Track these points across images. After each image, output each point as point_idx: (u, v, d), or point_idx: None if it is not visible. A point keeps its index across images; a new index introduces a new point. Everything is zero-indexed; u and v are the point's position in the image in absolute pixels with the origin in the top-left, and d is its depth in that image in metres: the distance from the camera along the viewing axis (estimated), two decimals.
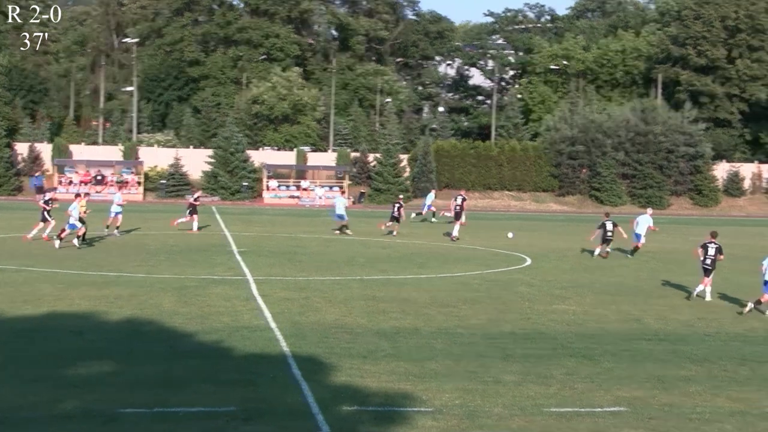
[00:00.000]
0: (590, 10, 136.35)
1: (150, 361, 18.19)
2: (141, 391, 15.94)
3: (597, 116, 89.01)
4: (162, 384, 16.51)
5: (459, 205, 48.58)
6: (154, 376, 17.00)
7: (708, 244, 28.94)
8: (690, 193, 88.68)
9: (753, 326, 24.17)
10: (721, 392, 17.08)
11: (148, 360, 18.24)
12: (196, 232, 47.20)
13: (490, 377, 17.67)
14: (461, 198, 49.52)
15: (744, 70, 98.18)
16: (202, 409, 14.99)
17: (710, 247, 28.81)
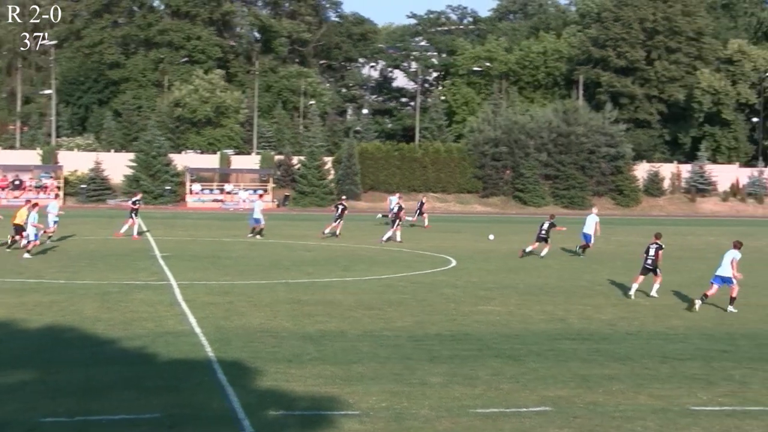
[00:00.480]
0: (512, 12, 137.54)
1: (71, 368, 17.88)
2: (62, 399, 15.66)
3: (520, 118, 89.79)
4: (84, 392, 16.24)
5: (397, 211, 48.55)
6: (75, 384, 16.72)
7: (650, 245, 29.64)
8: (611, 193, 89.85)
9: (673, 324, 24.52)
10: (643, 390, 17.29)
11: (70, 367, 17.94)
12: (136, 237, 46.59)
13: (416, 379, 17.68)
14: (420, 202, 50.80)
15: (662, 71, 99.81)
16: (125, 417, 14.78)
17: (652, 247, 29.53)
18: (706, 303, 27.17)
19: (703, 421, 15.41)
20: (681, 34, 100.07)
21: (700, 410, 16.04)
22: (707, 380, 18.17)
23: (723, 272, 27.46)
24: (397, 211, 48.71)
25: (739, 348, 21.51)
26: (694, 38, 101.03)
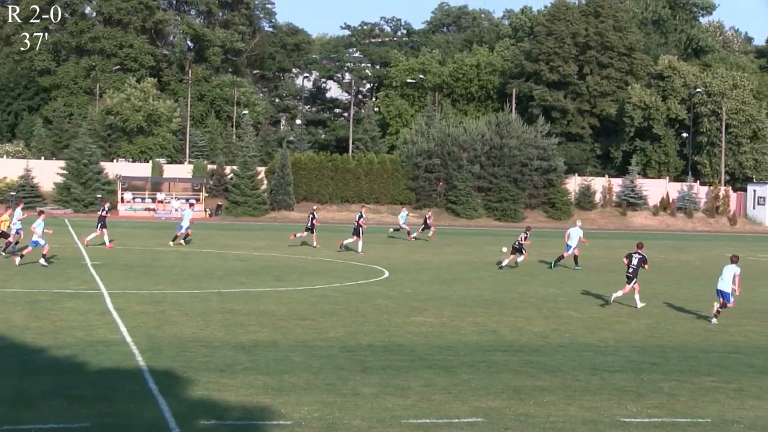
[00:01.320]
0: (446, 25, 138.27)
1: (0, 377, 17.58)
2: None
3: (453, 130, 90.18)
4: (13, 401, 15.97)
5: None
6: (4, 393, 16.44)
7: (633, 254, 30.23)
8: (544, 206, 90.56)
9: (604, 337, 24.75)
10: (573, 401, 17.41)
11: None
12: (109, 246, 45.95)
13: (348, 390, 17.65)
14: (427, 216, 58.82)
15: (594, 86, 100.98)
16: (54, 426, 14.57)
17: (634, 257, 30.09)
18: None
19: None
20: (613, 49, 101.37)
21: (629, 422, 16.18)
22: (637, 392, 18.36)
23: (724, 287, 27.83)
24: (358, 219, 48.79)
25: (669, 360, 21.77)
26: (625, 54, 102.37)
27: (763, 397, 18.30)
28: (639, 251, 30.31)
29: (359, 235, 48.11)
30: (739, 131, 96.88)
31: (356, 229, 48.38)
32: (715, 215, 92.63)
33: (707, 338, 25.08)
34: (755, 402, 17.91)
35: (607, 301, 30.60)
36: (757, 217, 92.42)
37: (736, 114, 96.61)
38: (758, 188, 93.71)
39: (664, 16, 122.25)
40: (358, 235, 48.12)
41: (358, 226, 48.28)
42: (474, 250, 52.45)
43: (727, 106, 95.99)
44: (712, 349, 23.47)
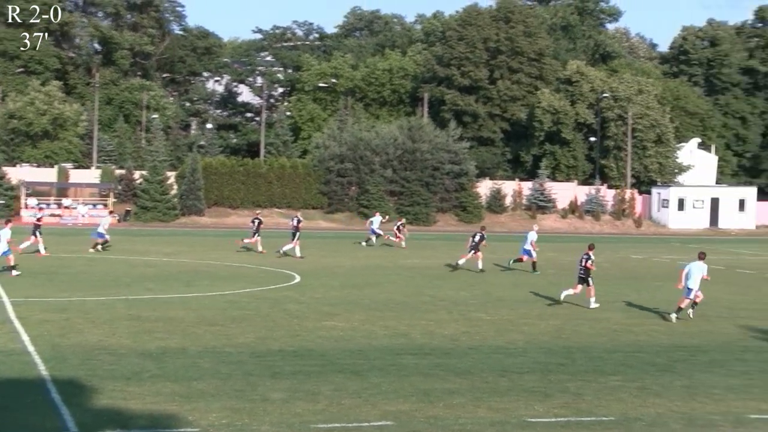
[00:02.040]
0: (358, 29, 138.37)
1: None
2: None
3: (365, 134, 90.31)
4: None
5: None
6: None
7: (583, 256, 31.40)
8: (455, 209, 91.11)
9: (513, 339, 24.98)
10: (482, 403, 17.54)
11: None
12: (44, 254, 44.95)
13: (257, 395, 17.54)
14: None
15: (505, 90, 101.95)
16: None
17: (584, 258, 31.26)
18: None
19: None
20: (523, 54, 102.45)
21: (536, 422, 16.36)
22: (544, 393, 18.56)
23: (692, 284, 28.72)
24: (297, 224, 49.15)
25: (575, 361, 22.05)
26: (535, 59, 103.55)
27: (665, 395, 18.65)
28: (589, 252, 31.44)
29: (294, 239, 48.42)
30: (644, 135, 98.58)
31: (293, 233, 48.66)
32: (622, 218, 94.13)
33: (612, 338, 25.47)
34: (657, 399, 18.24)
35: (557, 301, 31.59)
36: (661, 219, 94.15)
37: (641, 118, 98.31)
38: (662, 191, 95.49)
39: (572, 22, 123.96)
40: (293, 239, 48.45)
41: (296, 230, 48.61)
42: (385, 254, 52.56)
43: (633, 110, 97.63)
44: (617, 349, 23.84)
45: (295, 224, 49.42)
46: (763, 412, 17.61)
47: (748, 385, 19.88)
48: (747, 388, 19.59)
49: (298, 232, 48.74)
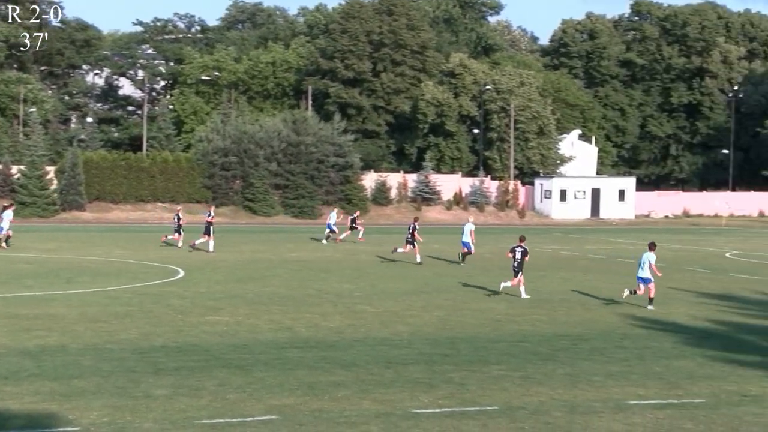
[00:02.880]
0: (240, 22, 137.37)
1: None
2: None
3: (249, 127, 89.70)
4: None
5: None
6: None
7: (516, 248, 32.06)
8: (340, 202, 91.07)
9: (398, 330, 25.10)
10: (367, 395, 17.59)
11: None
12: None
13: (140, 392, 17.29)
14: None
15: (388, 83, 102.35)
16: None
17: (517, 250, 31.95)
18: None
19: (424, 423, 15.83)
20: (406, 47, 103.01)
21: (421, 413, 16.47)
22: (429, 383, 18.70)
23: (643, 274, 29.95)
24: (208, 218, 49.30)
25: (460, 351, 22.26)
26: (418, 51, 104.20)
27: (547, 383, 18.95)
28: (521, 244, 32.12)
29: (209, 234, 48.50)
30: (527, 127, 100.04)
31: (207, 227, 48.68)
32: (505, 209, 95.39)
33: (496, 328, 25.78)
34: (539, 388, 18.52)
35: (496, 292, 32.20)
36: (544, 209, 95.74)
37: (523, 110, 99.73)
38: (545, 182, 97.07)
39: (454, 14, 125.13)
40: (209, 234, 48.51)
41: (208, 224, 48.71)
42: (271, 247, 52.33)
43: (515, 102, 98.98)
44: (501, 338, 24.15)
45: (208, 218, 49.39)
46: (641, 397, 18.02)
47: (627, 372, 20.32)
48: (626, 375, 20.02)
49: (211, 226, 48.92)
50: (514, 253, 32.06)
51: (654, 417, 16.59)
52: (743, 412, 17.04)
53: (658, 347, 23.37)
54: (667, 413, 16.88)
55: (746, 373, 20.44)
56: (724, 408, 17.32)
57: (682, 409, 17.18)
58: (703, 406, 17.41)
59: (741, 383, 19.40)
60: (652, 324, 26.90)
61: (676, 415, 16.74)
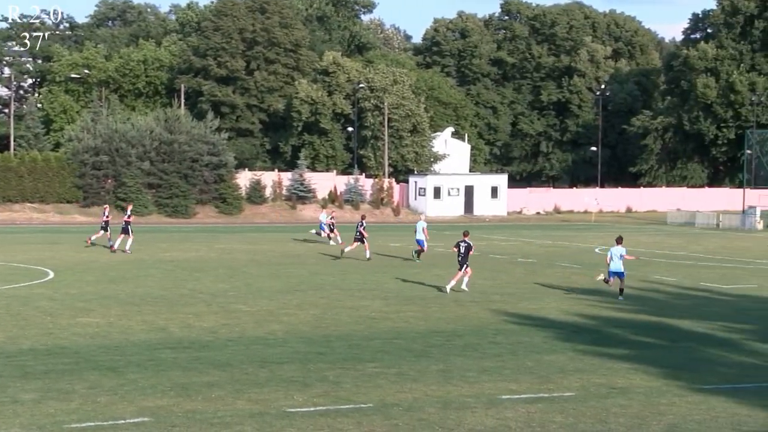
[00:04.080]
0: (111, 19, 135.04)
1: None
2: None
3: (121, 126, 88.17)
4: None
5: None
6: None
7: (460, 243, 32.91)
8: (215, 201, 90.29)
9: (273, 329, 24.99)
10: (242, 395, 17.47)
11: None
12: None
13: (7, 397, 16.85)
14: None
15: (262, 81, 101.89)
16: None
17: (461, 245, 32.77)
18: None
19: (299, 422, 15.79)
20: (279, 45, 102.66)
21: (296, 412, 16.42)
22: (303, 382, 18.66)
23: (615, 268, 31.59)
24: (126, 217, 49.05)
25: (334, 349, 22.27)
26: (291, 50, 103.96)
27: (421, 380, 19.09)
28: (465, 239, 32.88)
29: (128, 233, 48.24)
30: (401, 125, 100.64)
31: (125, 227, 48.43)
32: (380, 206, 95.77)
33: (371, 326, 25.87)
34: (414, 385, 18.65)
35: (443, 289, 32.91)
36: (418, 207, 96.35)
37: (397, 109, 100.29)
38: (419, 180, 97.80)
39: (327, 13, 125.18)
40: (127, 233, 48.25)
41: (126, 223, 48.42)
42: (143, 247, 51.49)
43: (389, 101, 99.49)
44: (375, 336, 24.24)
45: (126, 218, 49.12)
46: (513, 392, 18.28)
47: (500, 367, 20.60)
48: (499, 370, 20.29)
49: (129, 225, 48.66)
50: (459, 248, 32.95)
51: (525, 411, 16.85)
52: (611, 404, 17.44)
53: (530, 342, 23.74)
54: (539, 407, 17.17)
55: (614, 366, 20.93)
56: (592, 400, 17.70)
57: (553, 403, 17.50)
58: (572, 399, 17.76)
59: (609, 376, 19.86)
60: (524, 319, 27.33)
61: (547, 409, 17.04)
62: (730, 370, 20.82)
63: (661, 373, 20.21)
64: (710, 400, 17.87)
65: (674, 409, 17.21)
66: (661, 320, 27.49)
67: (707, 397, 18.11)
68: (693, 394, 18.29)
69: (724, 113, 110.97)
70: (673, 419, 16.48)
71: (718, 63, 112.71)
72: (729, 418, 16.65)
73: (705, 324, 26.84)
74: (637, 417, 16.59)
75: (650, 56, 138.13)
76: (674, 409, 17.21)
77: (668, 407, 17.30)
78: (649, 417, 16.60)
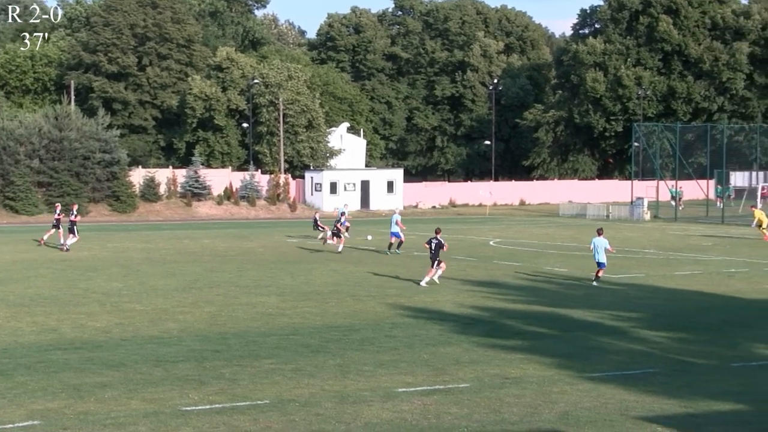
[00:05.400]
0: None
1: None
2: None
3: (8, 123, 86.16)
4: None
5: None
6: None
7: (432, 240, 33.81)
8: (108, 199, 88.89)
9: (168, 328, 24.75)
10: (136, 395, 17.28)
11: None
12: None
13: None
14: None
15: (155, 77, 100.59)
16: None
17: (433, 242, 33.68)
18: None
19: (194, 420, 15.69)
20: (172, 41, 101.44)
21: (191, 410, 16.31)
22: (199, 380, 18.53)
23: (600, 258, 33.83)
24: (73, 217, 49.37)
25: (230, 347, 22.16)
26: (184, 45, 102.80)
27: (318, 375, 19.12)
28: (437, 236, 33.81)
29: (74, 233, 48.60)
30: (296, 121, 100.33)
31: (71, 227, 48.73)
32: (277, 202, 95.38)
33: (267, 322, 25.80)
34: (310, 380, 18.67)
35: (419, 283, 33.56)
36: (315, 202, 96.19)
37: (292, 104, 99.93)
38: (315, 175, 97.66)
39: (220, 8, 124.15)
40: (73, 233, 48.58)
41: (72, 223, 48.80)
42: (34, 247, 50.54)
43: (284, 96, 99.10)
44: (272, 332, 24.18)
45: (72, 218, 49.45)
46: (409, 385, 18.43)
47: (396, 361, 20.73)
48: (395, 363, 20.42)
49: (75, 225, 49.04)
50: (431, 245, 33.76)
51: (421, 403, 17.00)
52: (505, 394, 17.71)
53: (426, 335, 23.94)
54: (434, 399, 17.34)
55: (508, 356, 21.24)
56: (487, 391, 17.94)
57: (449, 394, 17.69)
58: (467, 391, 17.98)
59: (503, 366, 20.15)
60: (420, 313, 27.53)
61: (443, 400, 17.22)
62: (619, 358, 21.32)
63: (554, 362, 20.58)
64: (600, 387, 18.27)
65: (566, 397, 17.55)
66: (554, 310, 27.97)
67: (597, 384, 18.51)
68: (584, 382, 18.68)
69: (613, 107, 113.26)
70: (564, 407, 16.81)
71: (606, 58, 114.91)
72: (617, 404, 17.05)
73: (595, 313, 27.40)
74: (530, 406, 16.87)
75: (541, 51, 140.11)
76: (566, 397, 17.55)
77: (560, 395, 17.64)
78: (541, 405, 16.90)
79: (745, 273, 38.00)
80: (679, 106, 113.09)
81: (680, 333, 24.45)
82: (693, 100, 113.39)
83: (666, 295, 31.58)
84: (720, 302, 30.13)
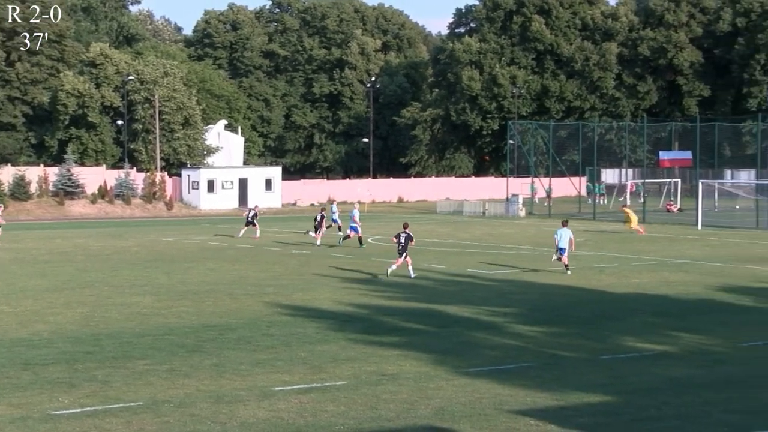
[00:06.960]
0: None
1: None
2: None
3: None
4: None
5: None
6: None
7: (401, 234, 35.47)
8: None
9: (38, 330, 24.18)
10: (2, 400, 16.84)
11: None
12: None
13: None
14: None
15: (24, 73, 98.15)
16: None
17: (402, 236, 35.31)
18: None
19: (64, 424, 15.36)
20: (40, 33, 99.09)
21: (61, 414, 15.97)
22: (70, 383, 18.16)
23: (563, 245, 36.28)
24: None
25: (104, 348, 21.76)
26: (56, 40, 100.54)
27: (194, 375, 18.93)
28: (405, 231, 35.54)
29: None
30: (172, 118, 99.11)
31: None
32: (153, 201, 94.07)
33: (142, 322, 25.41)
34: (186, 380, 18.47)
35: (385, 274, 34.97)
36: (192, 200, 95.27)
37: (168, 101, 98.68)
38: (192, 173, 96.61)
39: (93, 3, 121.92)
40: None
41: None
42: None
43: (160, 93, 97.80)
44: (147, 332, 23.83)
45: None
46: (286, 383, 18.37)
47: (273, 359, 20.65)
48: (272, 362, 20.34)
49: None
50: (399, 238, 35.32)
51: (298, 401, 16.97)
52: (381, 391, 17.78)
53: (303, 333, 23.89)
54: (311, 397, 17.32)
55: (385, 353, 21.34)
56: (364, 388, 18.00)
57: (325, 392, 17.70)
58: (344, 388, 18.00)
59: (380, 363, 20.24)
60: (297, 311, 27.47)
61: (320, 398, 17.21)
62: (494, 353, 21.62)
63: (430, 358, 20.76)
64: (475, 382, 18.49)
65: (441, 392, 17.72)
66: (430, 307, 28.21)
67: (473, 379, 18.73)
68: (459, 378, 18.88)
69: (489, 105, 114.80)
70: (440, 402, 16.96)
71: (481, 56, 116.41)
72: (492, 398, 17.29)
73: (471, 309, 27.73)
74: (406, 402, 16.97)
75: (418, 49, 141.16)
76: (441, 392, 17.72)
77: (436, 391, 17.79)
78: (417, 402, 17.02)
79: (614, 268, 38.93)
80: (552, 105, 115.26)
81: (552, 327, 24.90)
82: (565, 99, 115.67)
83: (539, 290, 32.13)
84: (591, 297, 30.80)
